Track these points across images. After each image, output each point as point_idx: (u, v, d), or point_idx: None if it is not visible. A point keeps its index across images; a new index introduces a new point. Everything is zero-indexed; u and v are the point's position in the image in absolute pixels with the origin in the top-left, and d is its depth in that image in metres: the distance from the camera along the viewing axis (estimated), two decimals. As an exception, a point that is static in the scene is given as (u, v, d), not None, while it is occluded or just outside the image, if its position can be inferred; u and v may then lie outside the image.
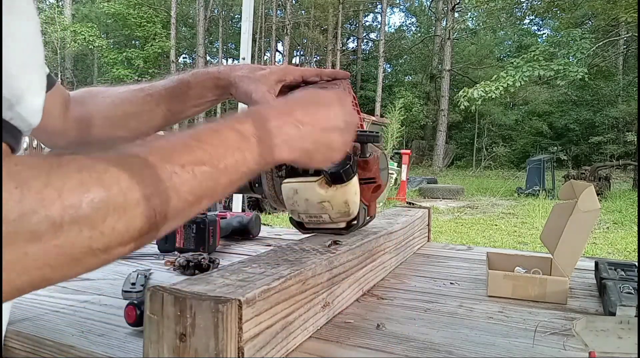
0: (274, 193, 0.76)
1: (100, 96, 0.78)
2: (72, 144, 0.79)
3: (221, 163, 0.39)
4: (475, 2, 16.72)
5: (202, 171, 0.38)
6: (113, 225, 0.32)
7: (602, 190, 9.68)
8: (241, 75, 0.71)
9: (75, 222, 0.31)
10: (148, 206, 0.34)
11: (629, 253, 4.99)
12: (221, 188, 0.40)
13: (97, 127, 0.76)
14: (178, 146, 0.38)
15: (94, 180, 0.32)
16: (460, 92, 14.23)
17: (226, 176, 0.40)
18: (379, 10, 28.18)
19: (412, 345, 0.53)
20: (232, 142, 0.41)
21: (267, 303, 0.45)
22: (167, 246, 0.97)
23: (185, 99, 0.75)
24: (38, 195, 0.29)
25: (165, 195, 0.35)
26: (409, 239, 1.00)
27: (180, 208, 0.37)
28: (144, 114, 0.76)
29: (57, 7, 24.50)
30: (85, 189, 0.31)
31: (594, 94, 21.66)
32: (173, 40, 23.45)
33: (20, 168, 0.30)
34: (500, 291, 0.72)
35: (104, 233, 0.32)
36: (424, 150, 23.62)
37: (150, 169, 0.35)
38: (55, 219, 0.30)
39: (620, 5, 13.49)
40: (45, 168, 0.31)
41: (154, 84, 0.77)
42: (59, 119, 0.74)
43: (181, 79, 0.76)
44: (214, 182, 0.39)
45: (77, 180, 0.31)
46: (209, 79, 0.74)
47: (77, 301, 0.66)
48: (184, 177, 0.36)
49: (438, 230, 6.27)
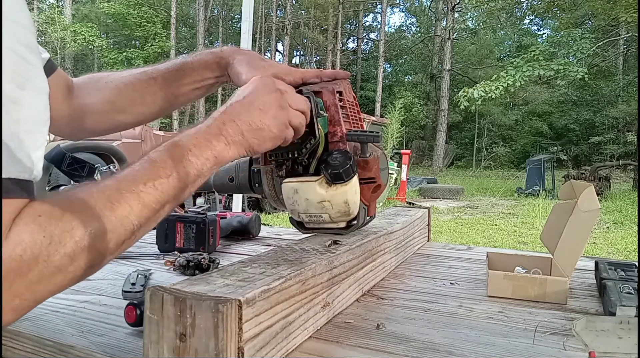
0: (274, 192, 0.76)
1: (104, 81, 0.78)
2: (76, 131, 0.79)
3: (172, 173, 0.49)
4: (475, 2, 16.71)
5: (160, 183, 0.48)
6: (107, 245, 0.43)
7: (602, 190, 9.67)
8: (240, 59, 0.73)
9: (83, 251, 0.41)
10: (129, 222, 0.45)
11: (629, 253, 4.99)
12: (178, 192, 0.50)
13: (101, 112, 0.77)
14: (139, 171, 0.49)
15: (89, 217, 0.42)
16: (460, 92, 14.21)
17: (180, 182, 0.50)
18: (379, 10, 28.19)
19: (412, 345, 0.53)
20: (178, 155, 0.51)
21: (267, 303, 0.45)
22: (167, 246, 0.97)
23: (187, 81, 0.76)
24: (58, 239, 0.40)
25: (138, 210, 0.46)
26: (409, 239, 1.00)
27: (149, 217, 0.48)
28: (147, 97, 0.76)
29: (57, 7, 24.50)
30: (87, 225, 0.42)
31: (594, 94, 21.65)
32: (173, 40, 23.45)
33: (42, 219, 0.40)
34: (500, 291, 0.72)
35: (102, 253, 0.43)
36: (424, 150, 23.62)
37: (124, 194, 0.46)
38: (70, 254, 0.40)
39: (620, 5, 13.48)
40: (59, 214, 0.41)
41: (156, 67, 0.78)
42: (62, 105, 0.75)
43: (183, 61, 0.76)
44: (172, 189, 0.49)
45: (80, 220, 0.42)
46: (212, 57, 0.75)
47: (77, 301, 0.66)
48: (148, 192, 0.47)
49: (438, 230, 6.27)
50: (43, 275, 0.39)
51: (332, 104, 0.71)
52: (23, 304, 0.39)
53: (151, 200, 0.47)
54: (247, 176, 0.79)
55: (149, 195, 0.47)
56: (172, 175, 0.49)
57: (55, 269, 0.40)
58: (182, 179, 0.50)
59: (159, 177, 0.48)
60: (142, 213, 0.46)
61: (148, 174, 0.48)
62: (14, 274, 0.37)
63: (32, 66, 0.42)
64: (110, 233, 0.43)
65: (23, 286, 0.38)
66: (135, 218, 0.46)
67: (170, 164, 0.50)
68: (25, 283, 0.38)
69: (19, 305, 0.39)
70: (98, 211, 0.43)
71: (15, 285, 0.38)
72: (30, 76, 0.42)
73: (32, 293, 0.39)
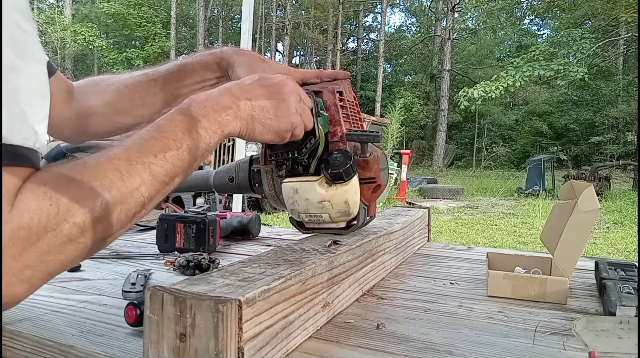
0: (274, 192, 0.76)
1: (104, 84, 0.78)
2: (77, 134, 0.79)
3: (183, 145, 0.48)
4: (475, 2, 16.71)
5: (171, 155, 0.47)
6: (118, 216, 0.42)
7: (602, 190, 9.67)
8: (241, 61, 0.72)
9: (93, 222, 0.40)
10: (139, 194, 0.44)
11: (629, 253, 4.99)
12: (187, 165, 0.49)
13: (102, 115, 0.77)
14: (148, 140, 0.47)
15: (99, 187, 0.41)
16: (460, 92, 14.22)
17: (190, 154, 0.49)
18: (379, 10, 28.18)
19: (412, 345, 0.53)
20: (188, 125, 0.49)
21: (267, 303, 0.45)
22: (167, 246, 0.97)
23: (188, 82, 0.75)
24: (66, 208, 0.38)
25: (149, 183, 0.45)
26: (409, 239, 1.00)
27: (159, 189, 0.46)
28: (148, 98, 0.76)
29: (57, 7, 24.50)
30: (96, 195, 0.40)
31: (594, 94, 21.65)
32: (173, 40, 23.46)
33: (48, 187, 0.38)
34: (500, 291, 0.72)
35: (113, 225, 0.42)
36: (424, 150, 23.62)
37: (135, 165, 0.44)
38: (80, 224, 0.39)
39: (620, 5, 13.48)
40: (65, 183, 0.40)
41: (157, 68, 0.77)
42: (62, 108, 0.74)
43: (184, 62, 0.76)
44: (181, 161, 0.48)
45: (89, 190, 0.40)
46: (212, 58, 0.75)
47: (77, 301, 0.66)
48: (159, 164, 0.46)
49: (438, 230, 6.27)
50: (53, 245, 0.38)
51: (332, 104, 0.71)
52: (35, 276, 0.38)
53: (161, 172, 0.46)
54: (247, 176, 0.79)
55: (159, 167, 0.46)
56: (182, 147, 0.48)
57: (65, 239, 0.39)
58: (192, 151, 0.49)
59: (169, 149, 0.47)
60: (152, 185, 0.45)
61: (159, 145, 0.47)
62: (24, 243, 0.36)
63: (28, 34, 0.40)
64: (121, 204, 0.42)
65: (34, 257, 0.37)
66: (145, 190, 0.44)
67: (180, 136, 0.48)
68: (36, 253, 0.37)
69: (31, 276, 0.38)
70: (108, 182, 0.41)
71: (25, 255, 0.36)
72: (27, 45, 0.40)
73: (44, 265, 0.38)
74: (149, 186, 0.45)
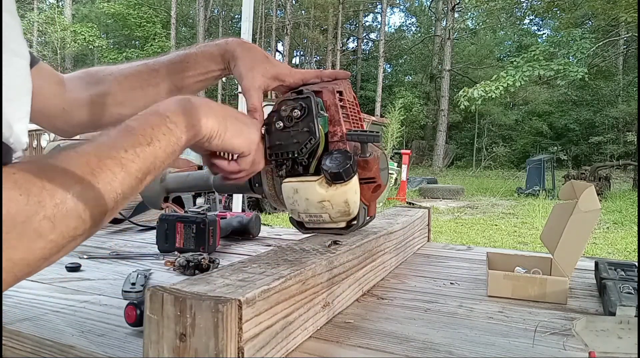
0: (274, 192, 0.76)
1: (101, 74, 0.76)
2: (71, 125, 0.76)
3: (153, 140, 0.47)
4: (475, 2, 16.72)
5: (142, 150, 0.46)
6: (91, 212, 0.40)
7: (602, 190, 9.68)
8: (244, 56, 0.71)
9: (64, 216, 0.38)
10: (112, 190, 0.42)
11: (629, 253, 4.99)
12: (159, 161, 0.48)
13: (99, 105, 0.74)
14: (117, 136, 0.46)
15: (72, 179, 0.39)
16: (460, 92, 14.23)
17: (161, 150, 0.48)
18: (379, 10, 28.18)
19: (412, 345, 0.53)
20: (158, 122, 0.49)
21: (267, 303, 0.45)
22: (167, 247, 0.97)
23: (191, 73, 0.74)
24: (37, 199, 0.36)
25: (121, 178, 0.44)
26: (409, 239, 1.00)
27: (132, 186, 0.45)
28: (149, 89, 0.74)
29: (57, 7, 24.50)
30: (68, 187, 0.38)
31: (594, 94, 21.65)
32: (173, 40, 23.45)
33: (17, 176, 0.36)
34: (500, 291, 0.72)
35: (85, 220, 0.40)
36: (424, 150, 23.62)
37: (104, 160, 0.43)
38: (51, 217, 0.36)
39: (620, 5, 13.49)
40: (36, 173, 0.37)
41: (158, 59, 0.76)
42: (54, 100, 0.72)
43: (187, 52, 0.75)
44: (153, 157, 0.47)
45: (60, 182, 0.38)
46: (217, 49, 0.73)
47: (77, 302, 0.66)
48: (130, 159, 0.45)
49: (438, 230, 6.27)
50: (21, 239, 0.35)
51: (332, 104, 0.71)
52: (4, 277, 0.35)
53: (133, 167, 0.45)
54: (247, 176, 0.79)
55: (131, 162, 0.45)
56: (152, 143, 0.47)
57: (35, 234, 0.35)
58: (163, 147, 0.49)
59: (139, 144, 0.46)
60: (125, 180, 0.44)
61: (129, 141, 0.46)
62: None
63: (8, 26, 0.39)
64: (92, 200, 0.40)
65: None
66: (118, 185, 0.43)
67: (149, 131, 0.48)
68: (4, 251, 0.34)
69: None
70: (79, 175, 0.40)
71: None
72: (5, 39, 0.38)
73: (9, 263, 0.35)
74: (121, 181, 0.44)
